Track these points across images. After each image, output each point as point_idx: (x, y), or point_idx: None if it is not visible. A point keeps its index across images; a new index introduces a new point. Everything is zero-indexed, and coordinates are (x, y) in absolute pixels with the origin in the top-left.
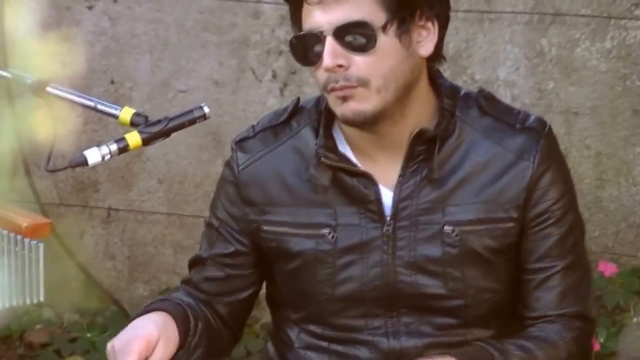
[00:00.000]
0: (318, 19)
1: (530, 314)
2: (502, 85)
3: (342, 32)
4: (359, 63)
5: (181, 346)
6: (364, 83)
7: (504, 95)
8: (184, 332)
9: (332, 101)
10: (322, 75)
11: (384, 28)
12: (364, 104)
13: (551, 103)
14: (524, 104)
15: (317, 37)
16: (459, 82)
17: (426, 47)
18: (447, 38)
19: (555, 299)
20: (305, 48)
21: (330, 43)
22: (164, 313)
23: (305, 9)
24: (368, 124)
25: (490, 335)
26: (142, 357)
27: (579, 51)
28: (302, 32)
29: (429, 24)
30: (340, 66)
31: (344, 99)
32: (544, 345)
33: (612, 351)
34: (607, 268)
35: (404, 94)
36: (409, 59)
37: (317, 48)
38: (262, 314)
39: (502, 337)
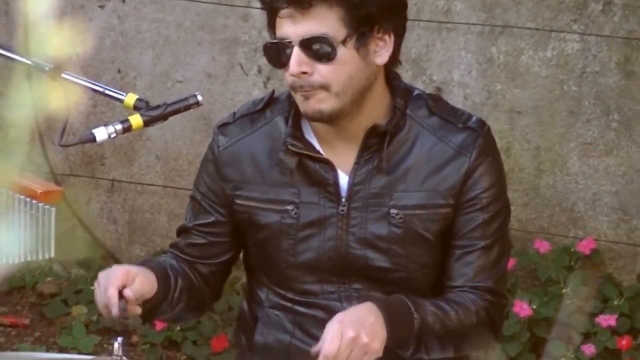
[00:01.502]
0: (288, 30)
1: (450, 283)
2: (456, 86)
3: (307, 44)
4: (321, 70)
5: (164, 298)
6: (324, 88)
7: (457, 95)
8: (165, 286)
9: (297, 98)
10: (289, 77)
11: (344, 42)
12: (323, 104)
13: (498, 102)
14: (475, 103)
15: (286, 46)
16: (418, 83)
17: (382, 57)
18: (410, 44)
19: (472, 272)
20: (276, 53)
21: (296, 52)
22: (144, 267)
23: (278, 19)
24: (326, 120)
25: None
26: (123, 283)
27: (523, 59)
28: (274, 40)
29: (386, 36)
30: (304, 73)
31: (306, 97)
32: (457, 307)
33: (544, 317)
34: (542, 246)
35: (360, 96)
36: (366, 67)
37: (286, 53)
38: (242, 275)
39: None
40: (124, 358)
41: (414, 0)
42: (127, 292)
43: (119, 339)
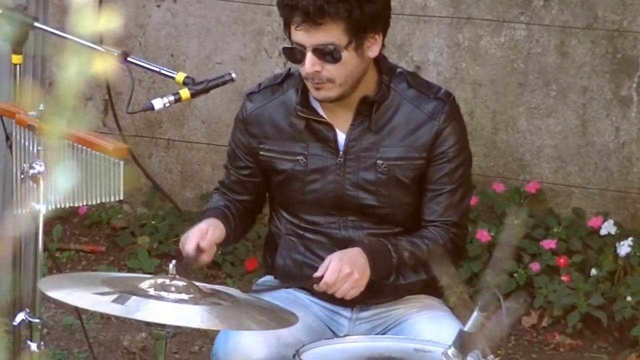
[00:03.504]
0: (302, 38)
1: (424, 217)
2: (431, 65)
3: (318, 50)
4: (329, 69)
5: (230, 234)
6: (331, 81)
7: (432, 72)
8: (229, 226)
9: (309, 86)
10: (303, 71)
11: (347, 47)
12: (330, 92)
13: (463, 77)
14: (445, 78)
15: (301, 51)
16: (402, 62)
17: (374, 51)
18: (396, 32)
19: (441, 209)
20: (293, 54)
21: (309, 56)
22: (213, 218)
23: (293, 28)
24: (332, 102)
25: (405, 231)
26: (197, 239)
27: (483, 43)
28: (291, 46)
29: (376, 36)
30: (316, 72)
31: (317, 88)
32: (428, 241)
33: (499, 242)
34: (498, 187)
35: (357, 82)
36: (362, 62)
37: (301, 55)
38: (267, 212)
39: (411, 234)
40: (177, 276)
41: None
42: (202, 244)
43: (173, 262)
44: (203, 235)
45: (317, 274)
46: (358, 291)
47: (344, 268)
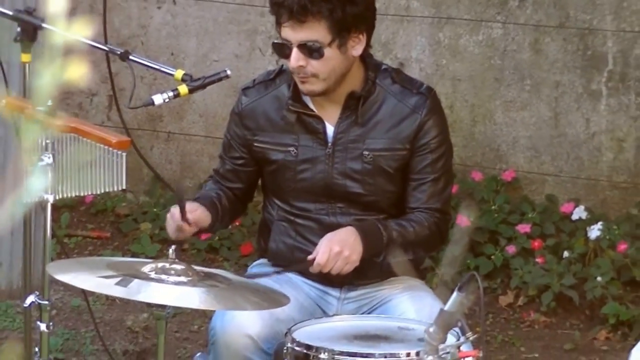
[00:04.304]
0: (289, 35)
1: (409, 205)
2: (414, 62)
3: (303, 46)
4: (313, 64)
5: (215, 221)
6: (315, 76)
7: (415, 68)
8: (215, 213)
9: (296, 79)
10: (290, 66)
11: (330, 44)
12: (315, 86)
13: (444, 73)
14: (427, 74)
15: (288, 46)
16: (387, 59)
17: (357, 50)
18: (381, 31)
19: (425, 197)
20: (281, 49)
21: (295, 52)
22: (202, 204)
23: (282, 26)
24: (317, 95)
25: (390, 218)
26: (189, 210)
27: (462, 41)
28: (279, 41)
29: (360, 36)
30: (301, 66)
31: (302, 82)
32: (415, 224)
33: (479, 226)
34: (477, 175)
35: (342, 77)
36: (345, 59)
37: (288, 50)
38: (262, 199)
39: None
40: (177, 260)
41: (382, 0)
42: (189, 216)
43: (173, 247)
44: (193, 210)
45: (310, 257)
46: (352, 267)
47: (333, 247)
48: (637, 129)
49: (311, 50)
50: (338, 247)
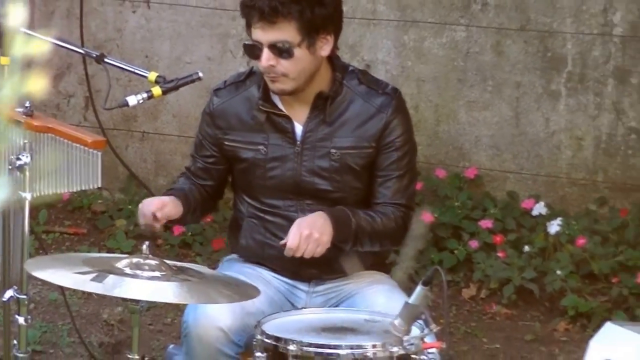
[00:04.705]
0: (260, 36)
1: (375, 201)
2: (380, 63)
3: (273, 46)
4: (283, 64)
5: (187, 213)
6: (285, 75)
7: (381, 70)
8: (187, 206)
9: (267, 79)
10: (261, 66)
11: (299, 44)
12: (284, 85)
13: (409, 75)
14: (393, 75)
15: (258, 47)
16: (354, 61)
17: (326, 50)
18: (349, 34)
19: (390, 193)
20: (252, 50)
21: (266, 52)
22: (175, 197)
23: (253, 28)
24: (287, 94)
25: None
26: (157, 207)
27: (426, 44)
28: (250, 42)
29: (328, 37)
30: (271, 66)
31: (273, 81)
32: (382, 216)
33: (442, 222)
34: (440, 173)
35: (310, 77)
36: (314, 59)
37: (258, 51)
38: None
39: None
40: (151, 255)
41: (350, 4)
42: (158, 214)
43: (147, 242)
44: (162, 207)
45: (282, 242)
46: (323, 249)
47: (303, 231)
48: (595, 128)
49: (281, 51)
50: (308, 230)
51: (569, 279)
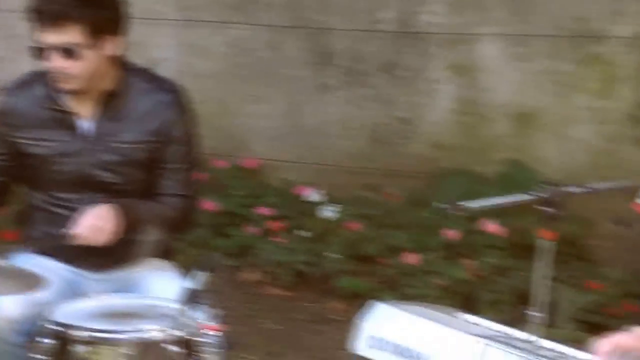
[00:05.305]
0: (47, 38)
1: (159, 191)
2: (164, 61)
3: (59, 49)
4: (70, 65)
5: None
6: (73, 76)
7: (165, 67)
8: None
9: (55, 80)
10: (49, 67)
11: (86, 46)
12: (72, 85)
13: (190, 71)
14: (176, 72)
15: (46, 50)
16: (139, 60)
17: (111, 51)
18: (134, 34)
19: (171, 184)
20: (39, 52)
21: (53, 54)
22: None
23: (40, 29)
24: (73, 93)
25: None
26: None
27: (208, 42)
28: (38, 45)
29: (113, 38)
30: (59, 67)
31: (60, 81)
32: (164, 206)
33: (223, 210)
34: (222, 164)
35: (97, 76)
36: (99, 60)
37: (45, 53)
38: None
39: None
40: None
41: (136, 5)
42: None
43: None
44: None
45: (70, 232)
46: (108, 234)
47: (90, 221)
48: (364, 118)
49: (69, 52)
50: (94, 220)
51: (344, 262)
